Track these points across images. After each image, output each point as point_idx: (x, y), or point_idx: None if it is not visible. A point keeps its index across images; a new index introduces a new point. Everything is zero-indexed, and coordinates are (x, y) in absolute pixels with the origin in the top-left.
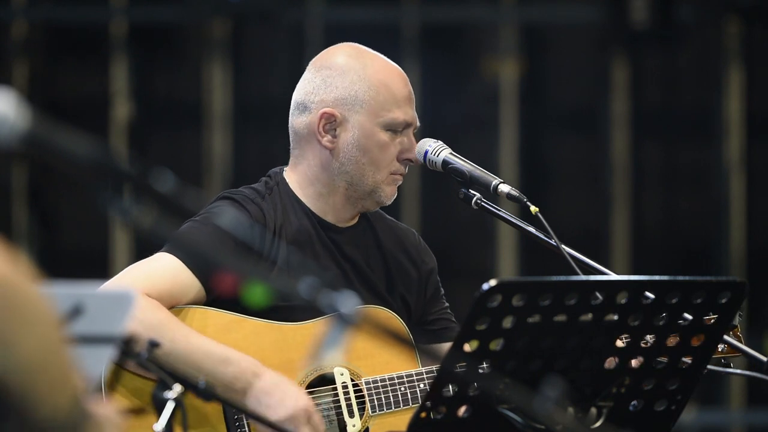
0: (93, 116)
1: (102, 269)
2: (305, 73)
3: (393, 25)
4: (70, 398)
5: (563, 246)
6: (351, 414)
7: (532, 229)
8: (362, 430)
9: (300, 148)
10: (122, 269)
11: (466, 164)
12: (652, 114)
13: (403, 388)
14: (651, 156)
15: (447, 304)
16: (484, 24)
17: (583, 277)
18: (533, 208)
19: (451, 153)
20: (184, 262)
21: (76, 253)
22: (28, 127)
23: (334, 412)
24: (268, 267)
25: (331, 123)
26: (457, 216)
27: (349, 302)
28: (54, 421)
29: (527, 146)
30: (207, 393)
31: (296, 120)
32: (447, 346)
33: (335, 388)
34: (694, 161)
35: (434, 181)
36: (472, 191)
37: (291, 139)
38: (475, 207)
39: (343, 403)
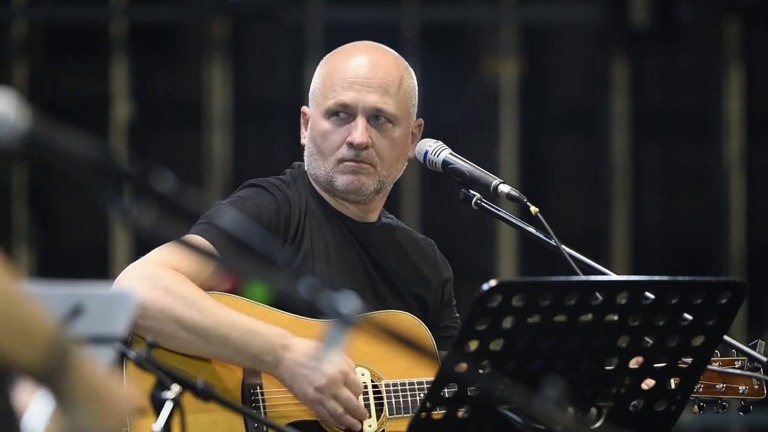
0: (93, 116)
1: (102, 269)
2: None
3: (393, 25)
4: (42, 346)
5: (563, 246)
6: (369, 414)
7: (532, 230)
8: (378, 431)
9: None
10: (122, 269)
11: (466, 164)
12: (652, 114)
13: (422, 395)
14: (651, 156)
15: (458, 315)
16: (484, 24)
17: (583, 277)
18: (533, 209)
19: (451, 153)
20: (213, 244)
21: (76, 253)
22: (28, 127)
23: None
24: (292, 253)
25: (305, 120)
26: (457, 216)
27: (350, 303)
28: (32, 369)
29: (527, 146)
30: (205, 393)
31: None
32: None
33: None
34: (694, 161)
35: (434, 181)
36: (472, 191)
37: None
38: (475, 207)
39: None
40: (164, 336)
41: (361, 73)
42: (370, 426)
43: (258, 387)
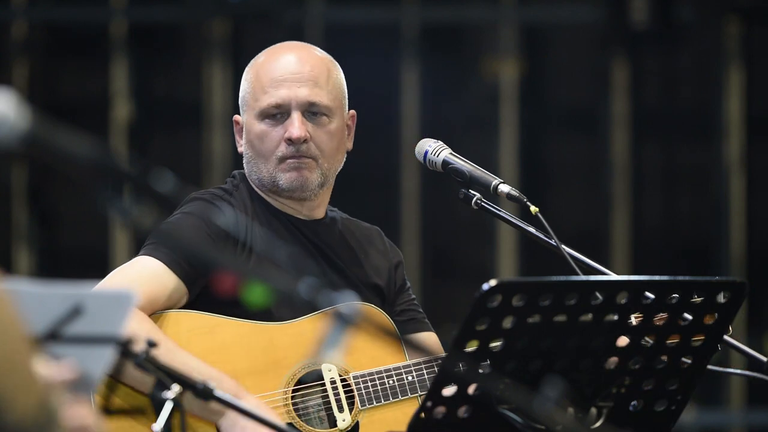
0: (93, 116)
1: (102, 269)
2: None
3: (393, 25)
4: (36, 399)
5: (563, 246)
6: (341, 409)
7: (532, 229)
8: (352, 423)
9: None
10: None
11: (466, 164)
12: (652, 114)
13: (391, 381)
14: (651, 156)
15: (414, 296)
16: (484, 24)
17: (583, 277)
18: (533, 208)
19: (451, 153)
20: (165, 264)
21: (76, 253)
22: (28, 127)
23: (323, 408)
24: (246, 255)
25: (239, 129)
26: (457, 216)
27: (349, 303)
28: (23, 422)
29: (527, 146)
30: (206, 393)
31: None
32: (417, 336)
33: (323, 384)
34: (694, 161)
35: (434, 181)
36: (472, 191)
37: None
38: (475, 207)
39: (332, 399)
40: (118, 374)
41: (289, 70)
42: (344, 420)
43: None
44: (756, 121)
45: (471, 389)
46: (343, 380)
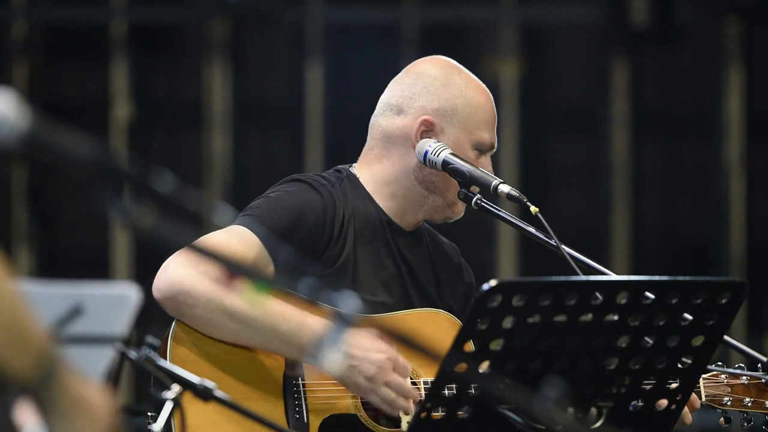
0: (93, 116)
1: (102, 269)
2: (401, 77)
3: (393, 25)
4: (34, 355)
5: (563, 246)
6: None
7: (532, 229)
8: None
9: (384, 148)
10: (122, 269)
11: (466, 164)
12: (652, 114)
13: None
14: (651, 156)
15: None
16: (484, 24)
17: (583, 277)
18: (533, 209)
19: (451, 153)
20: (261, 240)
21: (76, 253)
22: (28, 127)
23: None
24: (336, 252)
25: (428, 131)
26: None
27: (349, 303)
28: (23, 376)
29: (527, 146)
30: (205, 393)
31: (387, 121)
32: None
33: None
34: (694, 161)
35: None
36: (472, 191)
37: (373, 138)
38: (475, 207)
39: None
40: (212, 325)
41: (495, 114)
42: (407, 423)
43: (300, 378)
44: (756, 121)
45: (471, 389)
46: (413, 382)
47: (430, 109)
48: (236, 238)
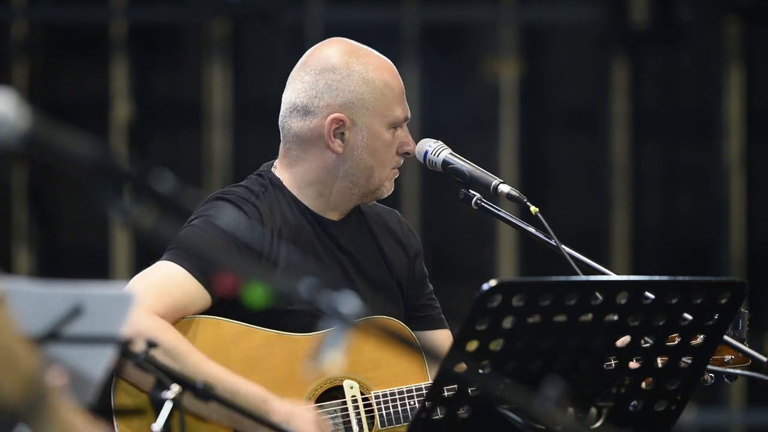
0: (93, 116)
1: (102, 269)
2: (300, 74)
3: (393, 25)
4: (23, 380)
5: (563, 246)
6: (360, 428)
7: (532, 229)
8: None
9: (301, 149)
10: (122, 269)
11: (466, 164)
12: (652, 114)
13: (412, 402)
14: (651, 156)
15: (431, 288)
16: (484, 24)
17: (583, 277)
18: (533, 209)
19: (451, 153)
20: (189, 271)
21: (76, 253)
22: (28, 127)
23: (342, 425)
24: (271, 268)
25: (339, 127)
26: (457, 216)
27: (349, 303)
28: (10, 400)
29: (527, 146)
30: (205, 393)
31: (296, 123)
32: (433, 334)
33: (345, 402)
34: (694, 161)
35: (434, 181)
36: (472, 191)
37: (287, 140)
38: (475, 207)
39: (352, 417)
40: (143, 384)
41: (401, 84)
42: None
43: None
44: (756, 121)
45: (471, 389)
46: (364, 398)
47: (337, 106)
48: (162, 275)
